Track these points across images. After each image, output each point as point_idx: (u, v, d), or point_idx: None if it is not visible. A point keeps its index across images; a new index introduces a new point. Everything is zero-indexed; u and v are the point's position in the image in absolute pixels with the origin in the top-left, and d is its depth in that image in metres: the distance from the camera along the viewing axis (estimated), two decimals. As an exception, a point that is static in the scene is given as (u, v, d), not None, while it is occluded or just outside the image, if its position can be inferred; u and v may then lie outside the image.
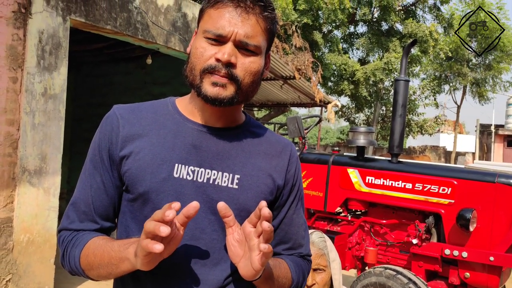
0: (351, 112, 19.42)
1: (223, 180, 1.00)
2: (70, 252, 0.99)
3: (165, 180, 0.97)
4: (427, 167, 3.31)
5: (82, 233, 1.01)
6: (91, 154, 1.05)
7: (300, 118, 3.88)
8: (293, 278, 1.05)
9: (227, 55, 0.93)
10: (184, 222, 0.84)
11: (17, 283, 3.69)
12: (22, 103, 3.71)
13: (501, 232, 2.88)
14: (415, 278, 2.82)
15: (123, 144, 1.00)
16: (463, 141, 27.85)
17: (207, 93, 0.95)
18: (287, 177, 1.08)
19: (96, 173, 1.02)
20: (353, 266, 3.59)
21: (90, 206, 1.02)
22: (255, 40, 0.96)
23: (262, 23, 0.97)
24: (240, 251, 0.90)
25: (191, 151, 1.00)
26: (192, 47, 1.00)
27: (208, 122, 1.03)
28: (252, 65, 0.97)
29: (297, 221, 1.11)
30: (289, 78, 9.22)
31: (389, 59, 14.57)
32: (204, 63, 0.95)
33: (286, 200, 1.09)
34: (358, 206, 3.55)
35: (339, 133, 40.70)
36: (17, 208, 3.70)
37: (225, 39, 0.94)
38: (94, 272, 0.96)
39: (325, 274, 1.71)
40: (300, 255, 1.12)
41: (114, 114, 1.04)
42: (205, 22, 0.97)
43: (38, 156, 3.82)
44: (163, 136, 1.01)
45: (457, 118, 22.20)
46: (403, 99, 3.37)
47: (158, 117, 1.04)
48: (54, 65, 3.93)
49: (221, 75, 0.94)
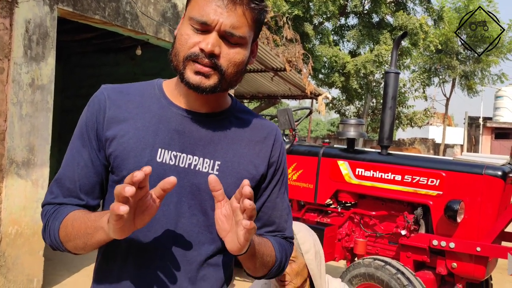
0: (341, 104, 19.49)
1: (203, 166, 1.01)
2: (51, 225, 1.01)
3: (148, 164, 0.96)
4: (416, 159, 3.34)
5: (64, 206, 1.02)
6: (79, 132, 1.05)
7: (290, 110, 3.88)
8: (277, 257, 1.08)
9: (210, 46, 0.93)
10: (160, 194, 0.86)
11: (5, 275, 3.67)
12: (9, 94, 3.65)
13: (488, 223, 2.92)
14: (403, 269, 2.86)
15: (108, 125, 1.01)
16: (451, 133, 28.11)
17: (190, 80, 0.96)
18: (270, 162, 1.09)
19: (84, 150, 1.03)
20: (343, 257, 3.62)
21: (75, 183, 1.03)
22: (241, 31, 0.95)
23: (248, 14, 0.96)
24: (227, 226, 0.91)
25: (174, 136, 1.01)
26: (178, 33, 1.00)
27: (192, 108, 1.04)
28: (236, 56, 0.97)
29: (281, 205, 1.13)
30: (279, 70, 9.20)
31: (380, 51, 14.62)
32: (188, 50, 0.96)
33: (268, 184, 1.10)
34: (348, 198, 3.57)
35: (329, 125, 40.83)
36: (5, 200, 3.66)
37: (210, 28, 0.94)
38: (71, 243, 0.97)
39: (295, 265, 1.74)
40: (283, 236, 1.14)
41: (102, 94, 1.05)
42: (191, 8, 0.97)
43: (26, 148, 3.77)
44: (148, 120, 1.02)
45: (446, 111, 22.39)
46: (393, 91, 3.38)
47: (144, 100, 1.05)
48: (41, 55, 3.87)
49: (204, 64, 0.95)
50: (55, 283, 4.17)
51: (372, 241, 3.47)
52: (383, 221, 3.45)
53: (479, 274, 2.92)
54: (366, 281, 2.95)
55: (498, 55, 19.36)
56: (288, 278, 1.75)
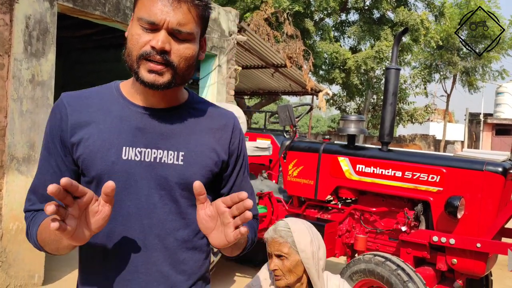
0: (342, 101, 19.46)
1: (168, 158, 1.08)
2: (31, 231, 1.07)
3: (115, 163, 1.04)
4: (417, 155, 3.33)
5: (40, 212, 1.08)
6: (45, 142, 1.11)
7: (291, 107, 3.87)
8: (248, 237, 1.18)
9: (160, 43, 0.98)
10: (106, 199, 0.91)
11: (6, 271, 3.68)
12: (9, 90, 3.65)
13: (488, 219, 2.92)
14: (403, 265, 2.86)
15: (73, 131, 1.06)
16: (452, 129, 28.10)
17: (144, 79, 1.01)
18: (231, 149, 1.17)
19: (51, 158, 1.09)
20: (343, 253, 3.62)
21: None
22: (188, 27, 1.00)
23: (193, 11, 1.01)
24: (212, 225, 0.98)
25: (137, 133, 1.07)
26: (129, 33, 1.04)
27: (151, 104, 1.09)
28: (186, 51, 1.02)
29: (245, 188, 1.22)
30: (280, 66, 9.19)
31: (381, 47, 14.57)
32: (140, 49, 1.00)
33: (233, 170, 1.19)
34: (348, 194, 3.57)
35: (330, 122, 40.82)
36: (5, 196, 3.66)
37: (158, 27, 0.99)
38: (48, 247, 1.04)
39: (287, 262, 1.77)
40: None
41: (62, 102, 1.09)
42: (139, 10, 1.01)
43: (27, 144, 3.77)
44: (110, 122, 1.07)
45: (447, 107, 22.36)
46: (394, 87, 3.38)
47: (104, 102, 1.10)
48: (41, 51, 3.86)
49: (157, 62, 1.00)
50: (56, 278, 4.18)
51: (372, 237, 3.47)
52: (384, 217, 3.45)
53: (479, 270, 2.92)
54: (367, 277, 2.95)
55: (499, 51, 19.31)
56: (279, 273, 1.77)
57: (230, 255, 1.17)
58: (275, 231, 1.81)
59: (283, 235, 1.79)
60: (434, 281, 3.11)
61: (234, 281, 4.50)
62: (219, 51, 6.43)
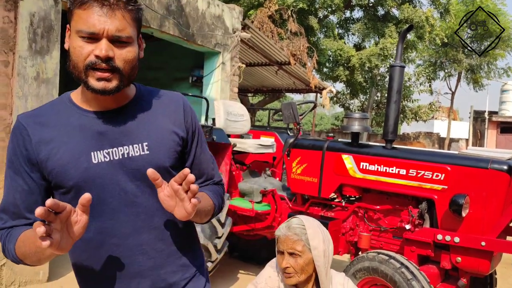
0: (346, 98, 19.42)
1: (135, 151, 1.16)
2: (8, 247, 1.13)
3: (87, 169, 1.12)
4: (421, 153, 3.32)
5: (15, 228, 1.15)
6: (9, 163, 1.17)
7: (295, 104, 3.87)
8: (214, 203, 1.28)
9: (104, 51, 1.05)
10: (83, 209, 0.99)
11: (12, 267, 3.70)
12: (14, 87, 3.66)
13: (493, 217, 2.91)
14: (407, 263, 2.85)
15: (38, 149, 1.13)
16: (457, 127, 27.99)
17: (94, 87, 1.08)
18: (187, 127, 1.27)
19: (18, 177, 1.15)
20: (347, 251, 3.62)
21: (18, 207, 1.16)
22: (126, 32, 1.08)
23: (127, 16, 1.08)
24: (172, 203, 1.07)
25: (100, 137, 1.14)
26: (70, 46, 1.10)
27: (104, 108, 1.17)
28: (128, 54, 1.10)
29: (205, 158, 1.34)
30: (284, 64, 9.17)
31: (385, 44, 14.51)
32: (85, 60, 1.06)
33: (191, 145, 1.29)
34: (352, 192, 3.56)
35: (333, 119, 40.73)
36: (10, 193, 3.68)
37: (98, 36, 1.05)
38: (29, 260, 1.10)
39: (300, 259, 1.76)
40: (214, 182, 1.37)
41: (21, 124, 1.16)
42: (76, 23, 1.07)
43: (31, 141, 3.79)
44: (72, 133, 1.14)
45: (452, 105, 22.26)
46: (398, 85, 3.36)
47: (61, 116, 1.17)
48: (46, 48, 3.87)
49: (103, 70, 1.07)
50: (60, 275, 4.20)
51: (376, 235, 3.47)
52: (388, 215, 3.44)
53: (484, 269, 2.91)
54: (370, 275, 2.95)
55: (504, 49, 19.19)
56: (291, 271, 1.75)
57: (200, 222, 1.26)
58: (289, 228, 1.78)
59: (298, 233, 1.77)
60: (438, 279, 3.10)
61: (237, 279, 4.51)
62: (223, 49, 6.43)
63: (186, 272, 1.27)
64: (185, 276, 1.26)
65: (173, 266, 1.24)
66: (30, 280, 3.84)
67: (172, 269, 1.24)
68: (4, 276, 3.65)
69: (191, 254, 1.30)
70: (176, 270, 1.25)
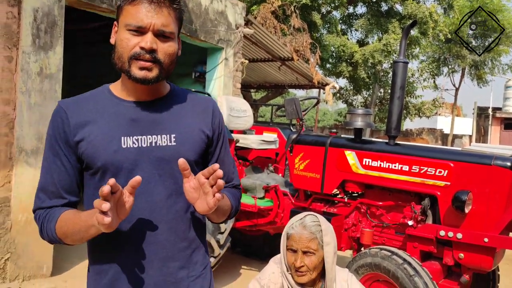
0: (349, 94, 19.37)
1: (162, 141, 1.24)
2: (47, 226, 1.20)
3: (116, 152, 1.19)
4: (424, 149, 3.32)
5: (54, 209, 1.22)
6: (49, 144, 1.25)
7: (298, 100, 3.86)
8: (232, 204, 1.35)
9: (149, 43, 1.15)
10: (131, 191, 1.06)
11: (16, 261, 3.72)
12: (17, 82, 3.67)
13: (496, 214, 2.90)
14: (409, 259, 2.86)
15: (75, 131, 1.21)
16: (460, 123, 27.89)
17: (136, 75, 1.17)
18: (213, 128, 1.35)
19: (56, 159, 1.23)
20: (349, 247, 3.62)
21: (56, 185, 1.23)
22: (169, 28, 1.18)
23: (172, 13, 1.19)
24: (196, 195, 1.14)
25: (132, 124, 1.22)
26: (117, 39, 1.20)
27: (140, 98, 1.26)
28: (169, 48, 1.20)
29: (227, 160, 1.41)
30: (287, 60, 9.15)
31: (388, 40, 14.46)
32: (130, 51, 1.16)
33: (216, 146, 1.37)
34: (354, 188, 3.56)
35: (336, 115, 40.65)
36: (14, 188, 3.70)
37: (145, 30, 1.15)
38: (69, 239, 1.18)
39: (315, 257, 1.75)
40: (233, 185, 1.43)
41: (61, 108, 1.24)
42: (125, 17, 1.17)
43: (35, 136, 3.80)
44: (107, 118, 1.22)
45: (455, 101, 22.18)
46: (401, 81, 3.35)
47: (99, 103, 1.25)
48: (49, 44, 3.88)
49: (146, 60, 1.16)
50: (64, 269, 4.23)
51: (378, 231, 3.47)
52: (390, 211, 3.44)
53: (486, 265, 2.91)
54: (373, 271, 2.95)
55: (508, 45, 19.05)
56: (305, 269, 1.75)
57: (216, 221, 1.33)
58: (304, 227, 1.76)
59: (313, 231, 1.76)
60: (440, 275, 3.11)
61: (240, 274, 4.52)
62: (226, 44, 6.42)
63: (193, 270, 1.30)
64: (191, 274, 1.29)
65: (182, 261, 1.27)
66: (34, 274, 3.86)
67: (181, 264, 1.27)
68: (8, 270, 3.67)
69: (199, 252, 1.33)
70: (184, 266, 1.28)
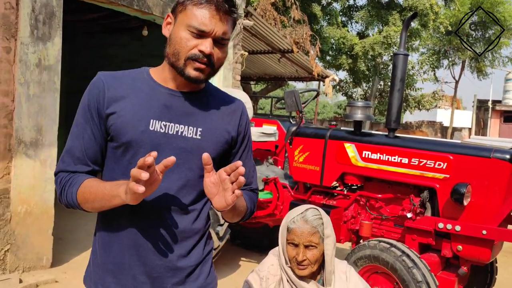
0: (349, 87, 19.32)
1: (188, 132, 1.27)
2: (68, 190, 1.23)
3: (143, 132, 1.22)
4: (424, 142, 3.32)
5: (77, 174, 1.25)
6: (82, 111, 1.27)
7: (297, 92, 3.85)
8: (247, 206, 1.38)
9: (209, 49, 1.20)
10: (163, 170, 1.09)
11: (15, 253, 3.73)
12: (16, 73, 3.66)
13: (495, 206, 2.91)
14: (408, 251, 2.87)
15: (109, 104, 1.24)
16: (460, 116, 27.86)
17: (190, 75, 1.22)
18: (239, 130, 1.38)
19: (87, 126, 1.26)
20: (348, 239, 3.64)
21: (83, 152, 1.26)
22: (227, 36, 1.24)
23: (231, 23, 1.25)
24: (215, 190, 1.16)
25: (163, 109, 1.26)
26: (175, 35, 1.23)
27: (177, 88, 1.29)
28: (223, 54, 1.26)
29: (248, 164, 1.43)
30: (287, 52, 9.12)
31: (389, 32, 14.40)
32: (188, 52, 1.20)
33: (239, 148, 1.40)
34: (354, 180, 3.57)
35: (336, 108, 40.62)
36: (14, 179, 3.70)
37: (207, 35, 1.20)
38: (89, 205, 1.21)
39: (316, 251, 1.76)
40: (251, 189, 1.45)
41: (100, 79, 1.27)
42: (188, 18, 1.20)
43: (34, 128, 3.79)
44: (141, 98, 1.26)
45: (455, 93, 22.14)
46: (401, 73, 3.34)
47: (136, 83, 1.29)
48: (48, 35, 3.86)
49: (202, 63, 1.21)
50: (64, 261, 4.24)
51: (377, 224, 3.48)
52: (389, 204, 3.45)
53: (484, 257, 2.93)
54: (371, 263, 2.97)
55: (509, 37, 18.98)
56: (307, 263, 1.76)
57: (231, 220, 1.36)
58: (306, 221, 1.76)
59: (315, 225, 1.76)
60: (438, 267, 3.12)
61: (239, 266, 4.54)
62: (226, 36, 6.38)
63: (191, 261, 1.31)
64: (190, 264, 1.31)
65: (183, 250, 1.29)
66: (33, 265, 3.88)
67: (181, 253, 1.29)
68: (8, 261, 3.69)
69: (202, 243, 1.35)
70: (185, 256, 1.29)
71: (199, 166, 1.24)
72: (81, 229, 5.32)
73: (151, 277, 1.26)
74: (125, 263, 1.26)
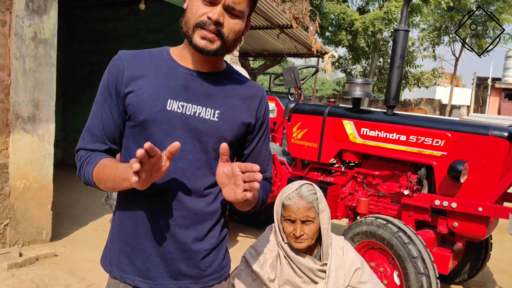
0: (348, 63, 19.18)
1: (206, 114, 1.24)
2: (85, 168, 1.24)
3: (160, 112, 1.21)
4: (422, 119, 3.31)
5: (95, 153, 1.26)
6: (101, 90, 1.28)
7: (296, 69, 3.82)
8: (260, 196, 1.34)
9: (217, 15, 1.16)
10: (169, 156, 1.07)
11: (15, 227, 3.76)
12: (11, 47, 3.61)
13: (491, 184, 2.93)
14: (404, 227, 2.90)
15: (127, 83, 1.24)
16: (459, 94, 27.76)
17: (197, 44, 1.18)
18: (258, 116, 1.35)
19: (106, 105, 1.27)
20: (345, 215, 3.67)
21: (101, 130, 1.27)
22: (240, 6, 1.19)
23: None
24: (226, 181, 1.15)
25: (182, 90, 1.24)
26: (189, 5, 1.21)
27: (196, 68, 1.26)
28: (235, 26, 1.20)
29: (264, 152, 1.41)
30: (286, 27, 9.00)
31: (389, 8, 14.20)
32: (197, 18, 1.18)
33: (256, 134, 1.36)
34: (352, 157, 3.58)
35: (335, 85, 40.38)
36: (12, 154, 3.70)
37: (217, 2, 1.17)
38: (103, 185, 1.21)
39: (313, 225, 1.79)
40: (265, 177, 1.41)
41: (120, 58, 1.27)
42: None
43: (31, 103, 3.77)
44: (159, 77, 1.24)
45: (455, 71, 22.01)
46: (401, 50, 3.31)
47: (155, 62, 1.27)
48: (43, 8, 3.79)
49: (210, 31, 1.17)
50: (63, 235, 4.29)
51: (374, 201, 3.51)
52: (386, 181, 3.47)
53: (480, 234, 2.96)
54: (368, 238, 3.01)
55: (511, 13, 18.74)
56: (305, 237, 1.78)
57: (241, 209, 1.34)
58: (301, 197, 1.78)
59: (311, 200, 1.78)
60: (434, 243, 3.17)
61: (237, 241, 4.60)
62: (224, 11, 6.28)
63: (206, 245, 1.30)
64: (205, 248, 1.29)
65: (198, 233, 1.27)
66: (33, 239, 3.92)
67: (196, 236, 1.27)
68: (8, 235, 3.72)
69: (218, 227, 1.33)
70: (200, 240, 1.28)
71: (215, 149, 1.23)
72: (79, 204, 5.36)
73: (165, 259, 1.25)
74: (139, 243, 1.25)
